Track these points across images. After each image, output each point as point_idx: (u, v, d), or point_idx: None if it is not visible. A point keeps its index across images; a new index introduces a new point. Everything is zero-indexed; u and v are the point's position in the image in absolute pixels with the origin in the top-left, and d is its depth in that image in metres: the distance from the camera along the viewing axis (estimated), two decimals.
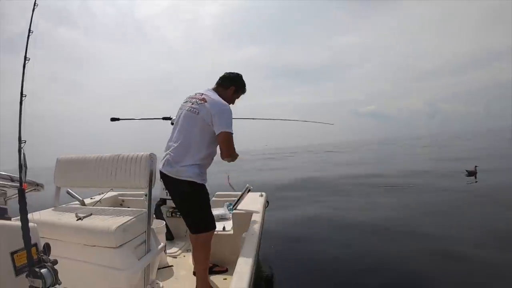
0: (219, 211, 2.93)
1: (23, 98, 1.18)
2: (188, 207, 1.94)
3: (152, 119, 3.02)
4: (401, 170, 11.69)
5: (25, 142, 1.12)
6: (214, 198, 3.16)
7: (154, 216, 2.86)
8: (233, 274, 1.45)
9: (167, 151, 1.95)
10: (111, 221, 1.68)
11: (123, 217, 1.75)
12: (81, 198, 2.59)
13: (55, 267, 1.01)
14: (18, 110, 1.16)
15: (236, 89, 2.11)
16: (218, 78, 2.13)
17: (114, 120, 2.97)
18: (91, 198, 2.96)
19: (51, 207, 2.13)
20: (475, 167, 8.90)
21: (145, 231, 1.81)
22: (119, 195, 3.37)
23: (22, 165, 1.11)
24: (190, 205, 1.93)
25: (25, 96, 1.19)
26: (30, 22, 1.24)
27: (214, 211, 2.07)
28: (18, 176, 1.11)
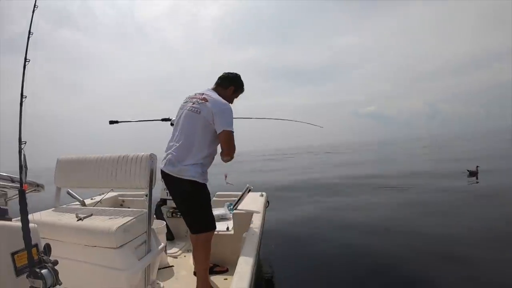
0: (220, 211, 2.93)
1: (23, 99, 1.19)
2: (189, 206, 1.94)
3: (151, 121, 3.01)
4: (401, 171, 11.69)
5: (25, 143, 1.12)
6: (214, 198, 3.16)
7: (155, 216, 2.86)
8: (233, 274, 1.45)
9: (169, 150, 1.95)
10: (111, 222, 1.68)
11: (124, 217, 1.75)
12: (81, 199, 2.59)
13: (56, 267, 1.01)
14: (18, 111, 1.16)
15: (235, 88, 2.14)
16: (217, 78, 2.14)
17: (113, 123, 2.96)
18: (92, 199, 2.96)
19: (51, 208, 2.13)
20: (477, 167, 8.89)
21: (146, 232, 1.81)
22: (120, 195, 3.37)
23: (22, 166, 1.11)
24: (192, 204, 1.93)
25: (25, 97, 1.19)
26: (30, 24, 1.25)
27: (214, 211, 2.07)
28: (19, 177, 1.11)
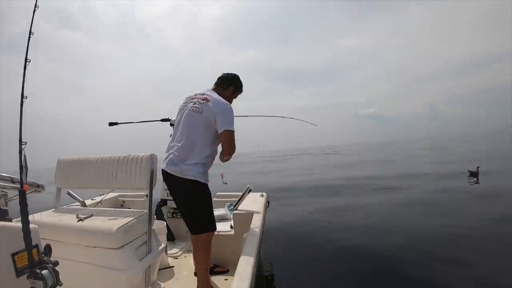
0: (220, 211, 2.93)
1: (23, 99, 1.19)
2: (191, 206, 1.94)
3: (150, 122, 3.00)
4: (401, 172, 11.67)
5: (25, 144, 1.12)
6: (215, 199, 3.16)
7: (155, 217, 2.86)
8: (234, 274, 1.44)
9: (170, 150, 1.95)
10: (112, 222, 1.67)
11: (124, 218, 1.74)
12: (81, 199, 2.59)
13: (56, 268, 1.01)
14: (19, 111, 1.16)
15: (234, 89, 2.17)
16: (217, 78, 2.17)
17: (112, 125, 2.96)
18: (92, 199, 2.96)
19: (52, 208, 2.13)
20: (477, 167, 8.91)
21: (146, 232, 1.81)
22: (120, 196, 3.37)
23: (22, 166, 1.11)
24: (193, 204, 1.93)
25: (26, 98, 1.19)
26: (30, 24, 1.25)
27: (215, 212, 2.07)
28: (19, 177, 1.11)
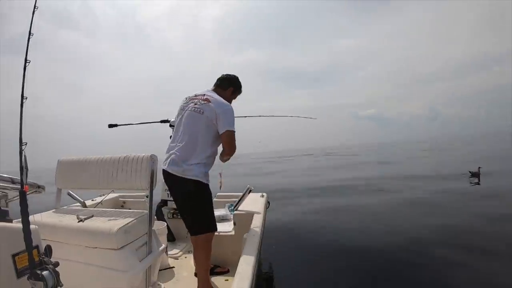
0: (220, 212, 2.93)
1: (23, 100, 1.19)
2: (192, 206, 1.94)
3: (150, 123, 3.01)
4: (401, 173, 11.66)
5: (26, 144, 1.11)
6: (215, 199, 3.16)
7: (155, 217, 2.86)
8: (234, 275, 1.44)
9: (172, 151, 1.95)
10: (112, 223, 1.67)
11: (124, 218, 1.74)
12: (82, 200, 2.59)
13: (57, 269, 1.01)
14: (19, 112, 1.16)
15: (234, 89, 2.18)
16: (216, 79, 2.17)
17: (112, 127, 2.96)
18: (92, 200, 2.95)
19: (52, 209, 2.13)
20: (479, 168, 8.92)
21: (147, 233, 1.81)
22: (120, 196, 3.37)
23: (23, 167, 1.11)
24: (195, 204, 1.93)
25: (26, 99, 1.19)
26: (30, 25, 1.25)
27: (215, 212, 2.07)
28: (19, 178, 1.11)
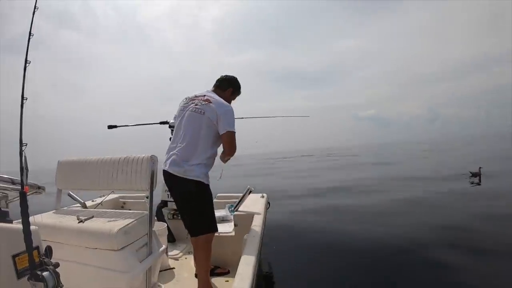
0: (221, 212, 2.93)
1: (24, 101, 1.18)
2: (193, 207, 1.93)
3: (149, 124, 3.02)
4: (402, 174, 11.63)
5: (26, 145, 1.11)
6: (215, 200, 3.15)
7: (156, 218, 2.86)
8: (235, 276, 1.44)
9: (172, 151, 1.94)
10: (112, 224, 1.67)
11: (125, 219, 1.74)
12: (82, 201, 2.59)
13: (57, 269, 1.01)
14: (19, 113, 1.16)
15: (233, 90, 2.19)
16: (216, 80, 2.19)
17: (112, 128, 2.98)
18: (93, 201, 2.95)
19: (52, 210, 2.13)
20: (479, 168, 8.93)
21: (147, 234, 1.81)
22: (120, 197, 3.36)
23: (23, 167, 1.11)
24: (196, 204, 1.93)
25: (26, 99, 1.19)
26: (30, 25, 1.25)
27: (215, 213, 2.07)
28: (20, 179, 1.11)
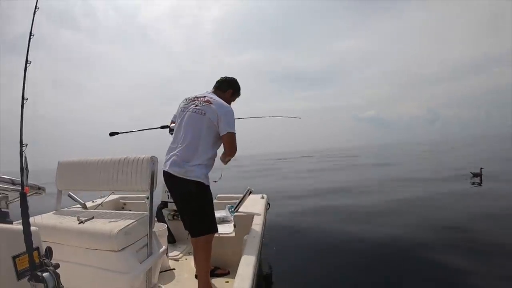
0: (221, 213, 2.92)
1: (24, 101, 1.18)
2: (193, 207, 1.93)
3: (150, 129, 3.02)
4: (402, 174, 11.65)
5: (26, 146, 1.11)
6: (215, 201, 3.16)
7: (156, 219, 2.85)
8: (235, 276, 1.44)
9: (173, 152, 1.94)
10: (112, 225, 1.67)
11: (125, 220, 1.74)
12: (82, 202, 2.59)
13: (57, 270, 1.01)
14: (20, 113, 1.16)
15: (233, 92, 2.20)
16: (216, 82, 2.19)
17: (113, 135, 2.98)
18: (93, 202, 2.95)
19: (52, 211, 2.13)
20: (481, 169, 8.97)
21: (147, 234, 1.81)
22: (121, 198, 3.37)
23: (23, 168, 1.11)
24: (196, 205, 1.92)
25: (27, 100, 1.19)
26: (31, 26, 1.25)
27: (216, 214, 2.07)
28: (20, 179, 1.11)
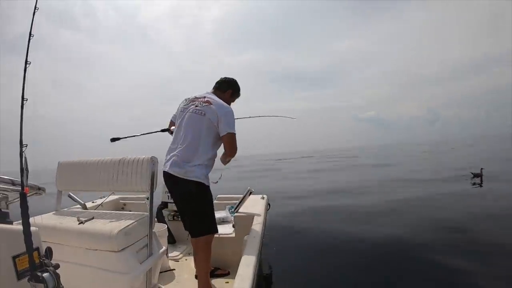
0: (221, 214, 2.92)
1: (24, 102, 1.18)
2: (193, 208, 1.93)
3: (151, 133, 3.03)
4: (402, 175, 11.63)
5: (26, 146, 1.11)
6: (216, 201, 3.16)
7: (156, 219, 2.85)
8: (235, 277, 1.44)
9: (173, 152, 1.94)
10: (112, 225, 1.67)
11: (125, 220, 1.74)
12: (82, 202, 2.59)
13: (57, 271, 1.01)
14: (20, 113, 1.16)
15: (233, 92, 2.20)
16: (215, 82, 2.20)
17: (114, 140, 2.98)
18: (93, 202, 2.95)
19: (52, 211, 2.13)
20: (481, 169, 8.98)
21: (147, 235, 1.81)
22: (121, 198, 3.37)
23: (23, 168, 1.11)
24: (196, 205, 1.92)
25: (26, 100, 1.19)
26: (31, 26, 1.25)
27: (216, 214, 2.07)
28: (20, 180, 1.11)
